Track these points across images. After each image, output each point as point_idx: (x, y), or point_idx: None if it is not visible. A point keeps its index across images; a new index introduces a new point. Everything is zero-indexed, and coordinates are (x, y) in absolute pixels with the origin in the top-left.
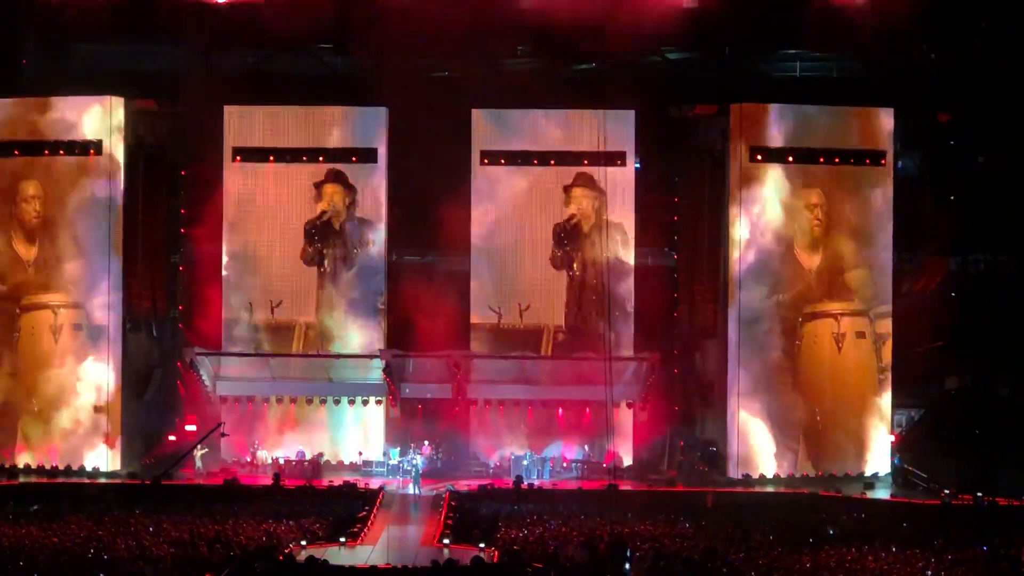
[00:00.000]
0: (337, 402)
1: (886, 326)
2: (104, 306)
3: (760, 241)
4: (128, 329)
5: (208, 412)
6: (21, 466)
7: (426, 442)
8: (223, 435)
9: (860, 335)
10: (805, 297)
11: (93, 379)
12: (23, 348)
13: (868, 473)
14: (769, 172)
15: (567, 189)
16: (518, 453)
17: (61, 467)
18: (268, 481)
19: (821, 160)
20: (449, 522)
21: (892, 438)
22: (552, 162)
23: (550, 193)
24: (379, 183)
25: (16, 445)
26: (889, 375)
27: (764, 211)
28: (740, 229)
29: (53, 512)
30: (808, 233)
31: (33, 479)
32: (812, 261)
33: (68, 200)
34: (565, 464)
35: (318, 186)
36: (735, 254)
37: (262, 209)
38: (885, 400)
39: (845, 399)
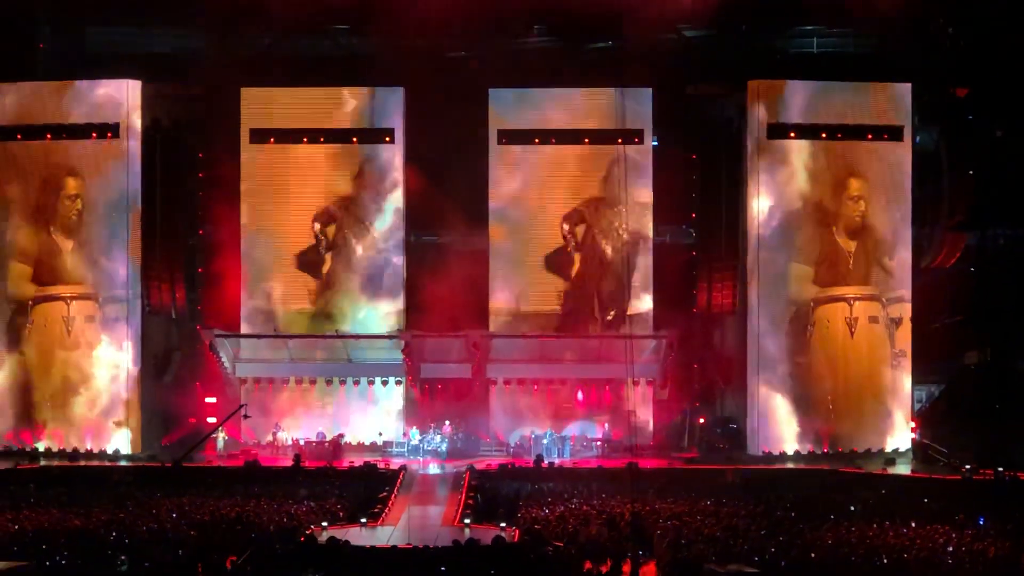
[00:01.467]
0: (357, 383)
1: (899, 310)
2: (123, 290)
3: (780, 218)
4: (147, 312)
5: (228, 394)
6: (42, 450)
7: (446, 422)
8: (246, 416)
9: (873, 320)
10: (830, 280)
11: (112, 362)
12: (43, 331)
13: (888, 449)
14: (794, 150)
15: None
16: (538, 432)
17: (82, 450)
18: (289, 462)
19: (839, 136)
20: (470, 502)
21: (912, 424)
22: (570, 141)
23: (567, 173)
24: (396, 163)
25: (36, 429)
26: (903, 359)
27: (786, 188)
28: (758, 206)
29: (75, 495)
30: (848, 219)
31: (55, 462)
32: (849, 246)
33: (88, 186)
34: (585, 443)
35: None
36: (754, 231)
37: (280, 190)
38: (902, 380)
39: (860, 379)
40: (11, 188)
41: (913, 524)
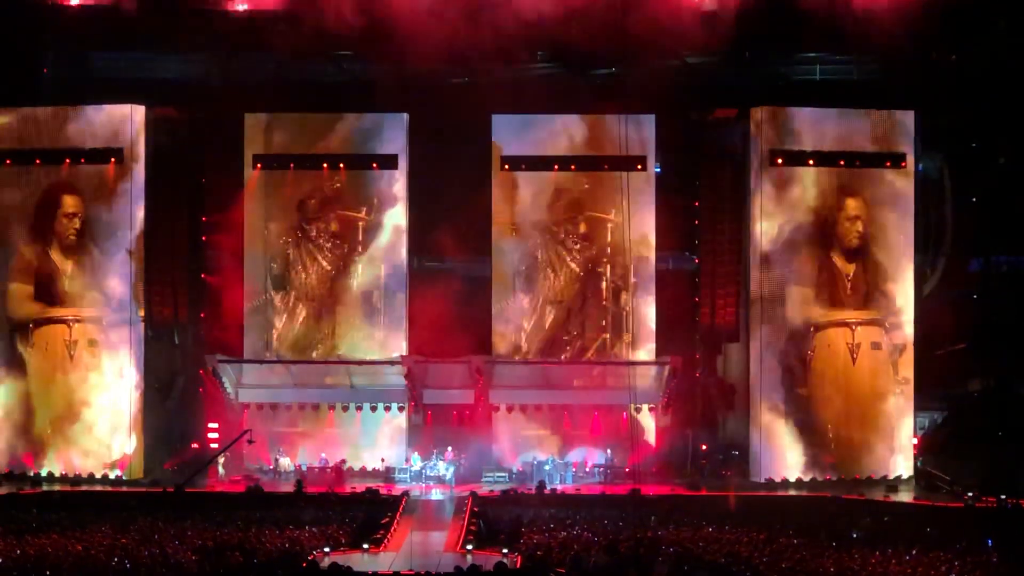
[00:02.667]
0: (359, 408)
1: (901, 337)
2: (125, 313)
3: (782, 244)
4: (150, 337)
5: (230, 419)
6: (44, 474)
7: (448, 448)
8: (250, 442)
9: (875, 346)
10: (829, 304)
11: (115, 386)
12: (44, 354)
13: (891, 476)
14: (797, 176)
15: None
16: (541, 458)
17: (84, 475)
18: (291, 488)
19: (842, 163)
20: (472, 528)
21: (915, 440)
22: (572, 167)
23: (569, 200)
24: (399, 189)
25: (38, 453)
26: (906, 387)
27: (789, 214)
28: (761, 232)
29: (77, 520)
30: (846, 240)
31: (57, 487)
32: (848, 269)
33: (91, 209)
34: (588, 468)
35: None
36: (756, 258)
37: (282, 215)
38: (905, 407)
39: (863, 405)
40: (10, 208)
41: (915, 551)
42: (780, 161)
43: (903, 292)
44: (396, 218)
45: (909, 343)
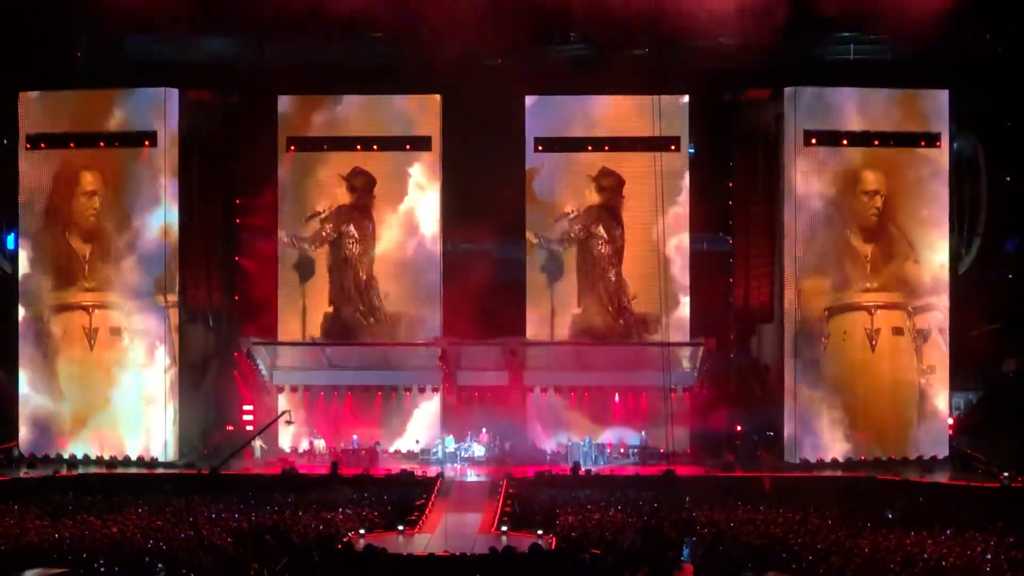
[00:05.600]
0: (394, 390)
1: (926, 320)
2: (161, 298)
3: (814, 226)
4: (184, 320)
5: (266, 402)
6: (80, 457)
7: (483, 429)
8: (288, 423)
9: (897, 331)
10: (853, 287)
11: (150, 369)
12: (76, 341)
13: (927, 456)
14: (824, 155)
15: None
16: (575, 439)
17: (120, 457)
18: (326, 470)
19: (876, 143)
20: (507, 509)
21: (950, 421)
22: (606, 148)
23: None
24: (433, 171)
25: (70, 437)
26: (931, 376)
27: (823, 194)
28: (795, 213)
29: (113, 503)
30: (865, 219)
31: (93, 470)
32: (866, 249)
33: (124, 192)
34: (623, 450)
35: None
36: (789, 238)
37: (316, 198)
38: (940, 388)
39: (895, 387)
40: (37, 191)
41: (950, 531)
42: (814, 141)
43: (932, 274)
44: (430, 200)
45: (935, 328)
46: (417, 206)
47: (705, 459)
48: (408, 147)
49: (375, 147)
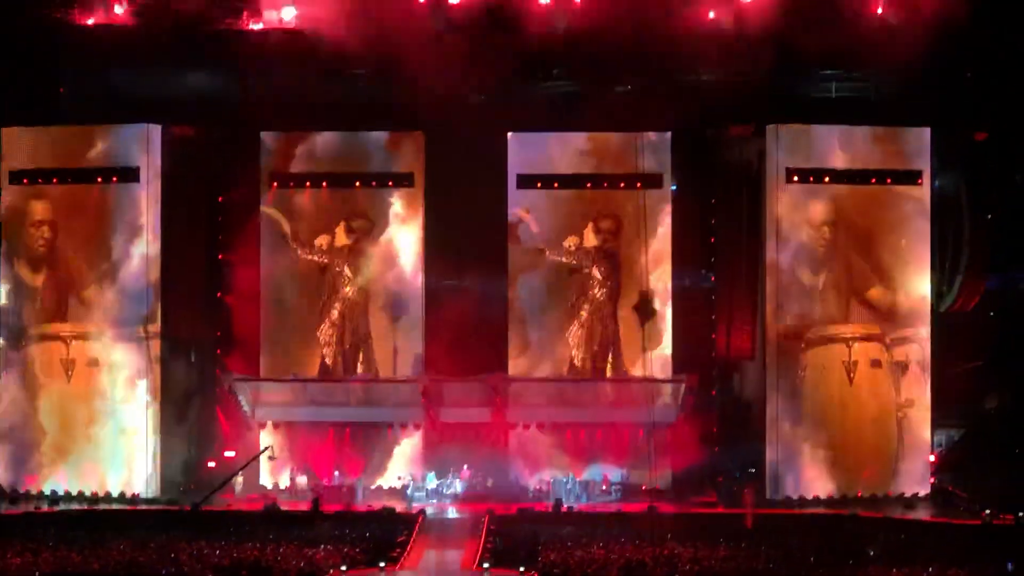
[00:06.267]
0: (376, 427)
1: (904, 353)
2: (142, 332)
3: (785, 263)
4: (166, 354)
5: (248, 438)
6: (61, 493)
7: (465, 466)
8: (271, 458)
9: (875, 364)
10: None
11: (134, 404)
12: (55, 376)
13: (908, 494)
14: (791, 192)
15: (596, 220)
16: (558, 476)
17: (101, 493)
18: (307, 506)
19: (858, 180)
20: (489, 546)
21: (932, 458)
22: (588, 185)
23: (585, 218)
24: (415, 207)
25: (49, 473)
26: (909, 410)
27: (790, 231)
28: (777, 250)
29: (94, 538)
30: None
31: (74, 506)
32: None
33: (105, 225)
34: (605, 487)
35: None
36: (768, 275)
37: (299, 233)
38: (921, 425)
39: (874, 425)
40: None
41: (932, 569)
42: (796, 179)
43: (910, 305)
44: (412, 237)
45: (914, 361)
46: (397, 239)
47: (687, 496)
48: (391, 183)
49: (357, 184)
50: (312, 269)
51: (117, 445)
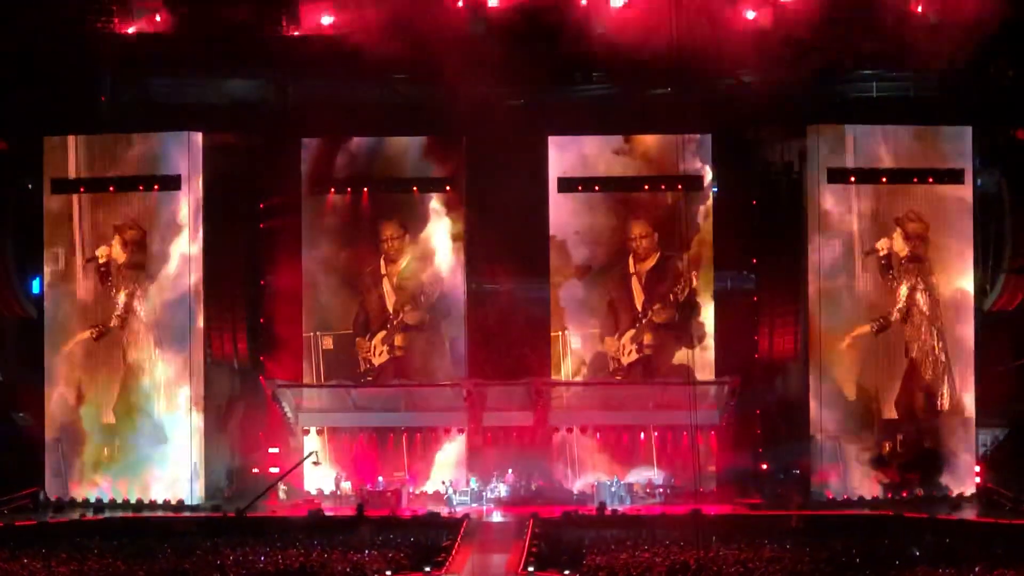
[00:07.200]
0: (420, 431)
1: (946, 352)
2: (186, 339)
3: (827, 262)
4: (209, 363)
5: (291, 444)
6: (106, 500)
7: (509, 470)
8: (316, 464)
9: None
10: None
11: (177, 414)
12: (99, 384)
13: (954, 494)
14: (850, 193)
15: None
16: (601, 479)
17: (146, 500)
18: (351, 511)
19: (899, 180)
20: (533, 550)
21: (977, 468)
22: (630, 188)
23: (627, 221)
24: (456, 212)
25: (95, 481)
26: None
27: (847, 232)
28: (819, 250)
29: (139, 546)
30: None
31: (119, 514)
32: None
33: (148, 233)
34: (649, 489)
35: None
36: (813, 277)
37: (341, 239)
38: (967, 424)
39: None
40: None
41: (979, 569)
42: (837, 179)
43: (954, 304)
44: (454, 242)
45: (957, 360)
46: (438, 244)
47: (731, 497)
48: (431, 188)
49: (398, 188)
50: (353, 274)
51: (161, 452)
